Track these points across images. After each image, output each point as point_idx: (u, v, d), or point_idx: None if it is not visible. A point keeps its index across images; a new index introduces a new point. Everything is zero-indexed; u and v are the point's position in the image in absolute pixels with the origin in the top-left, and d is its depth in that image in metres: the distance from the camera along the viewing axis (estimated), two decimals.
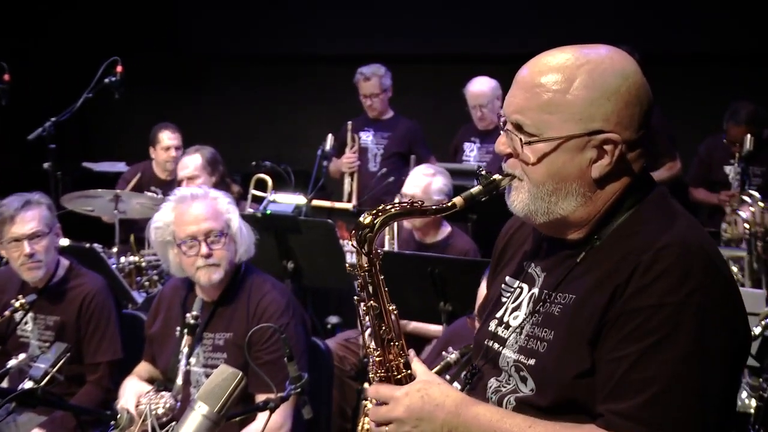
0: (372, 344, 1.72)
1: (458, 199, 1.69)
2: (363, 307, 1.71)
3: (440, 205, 1.71)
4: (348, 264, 1.74)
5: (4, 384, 3.05)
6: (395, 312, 1.72)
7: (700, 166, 6.02)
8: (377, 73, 6.03)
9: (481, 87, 5.77)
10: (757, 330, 3.06)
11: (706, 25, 6.83)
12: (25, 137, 5.35)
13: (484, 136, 5.81)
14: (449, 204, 1.70)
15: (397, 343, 1.70)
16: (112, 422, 2.95)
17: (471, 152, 5.92)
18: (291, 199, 5.24)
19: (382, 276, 1.70)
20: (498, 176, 1.68)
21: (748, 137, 5.42)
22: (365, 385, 1.73)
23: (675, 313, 1.50)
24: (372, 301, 1.70)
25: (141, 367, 3.37)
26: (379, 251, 1.70)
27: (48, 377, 2.74)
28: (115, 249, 5.09)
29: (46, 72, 7.83)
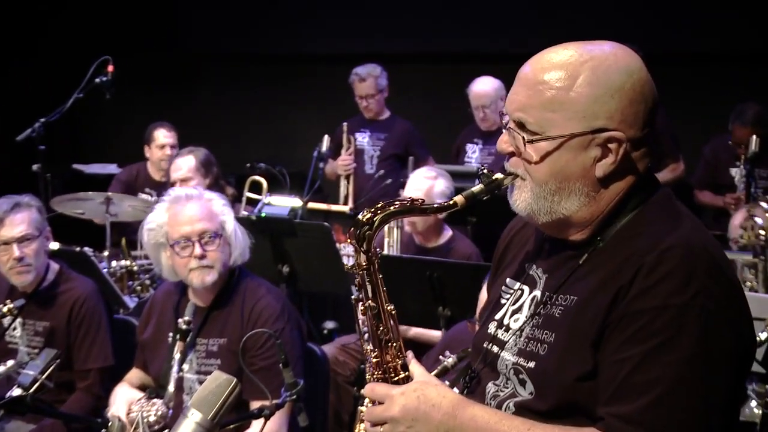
0: (369, 345, 1.72)
1: (459, 198, 1.69)
2: (361, 307, 1.71)
3: (441, 204, 1.71)
4: (346, 264, 1.74)
5: None
6: (394, 312, 1.72)
7: (706, 169, 6.02)
8: (373, 74, 6.02)
9: (484, 87, 5.75)
10: (764, 336, 3.06)
11: (712, 25, 6.83)
12: (14, 138, 5.35)
13: (487, 138, 5.79)
14: (450, 202, 1.70)
15: (395, 344, 1.70)
16: (103, 430, 2.96)
17: (473, 153, 5.91)
18: (286, 202, 5.24)
19: (381, 275, 1.70)
20: (500, 175, 1.68)
21: (754, 139, 5.42)
22: (363, 391, 1.73)
23: (679, 315, 1.51)
24: (370, 301, 1.70)
25: (132, 374, 3.36)
26: (378, 250, 1.70)
27: (37, 384, 2.74)
28: (106, 253, 5.08)
29: (36, 71, 7.83)
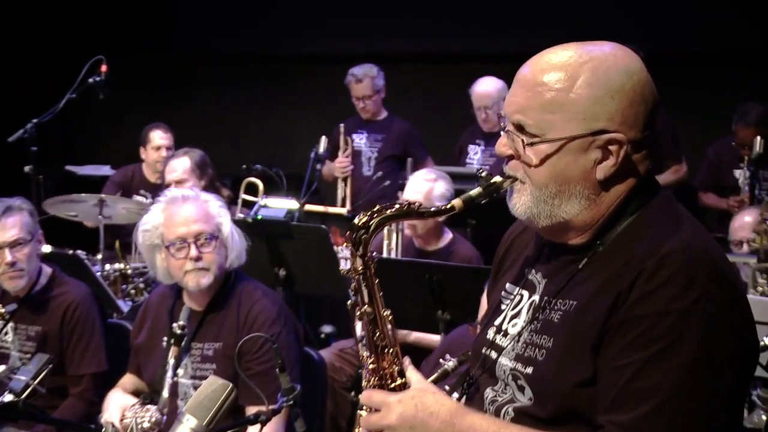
0: (365, 351, 1.72)
1: (457, 202, 1.69)
2: (357, 313, 1.71)
3: (439, 208, 1.71)
4: (341, 268, 1.74)
5: None
6: (390, 318, 1.72)
7: (709, 170, 6.01)
8: (369, 74, 6.01)
9: (487, 88, 5.72)
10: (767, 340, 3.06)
11: (714, 24, 6.84)
12: (5, 139, 5.35)
13: (489, 139, 5.77)
14: (448, 206, 1.70)
15: (392, 350, 1.70)
16: None
17: (475, 155, 5.90)
18: (283, 204, 5.24)
19: (377, 280, 1.70)
20: (499, 178, 1.68)
21: (758, 139, 5.42)
22: (360, 398, 1.73)
23: (680, 321, 1.51)
24: (366, 306, 1.70)
25: (126, 379, 3.36)
26: (374, 254, 1.70)
27: (29, 390, 2.73)
28: (100, 256, 5.08)
29: (28, 72, 7.83)
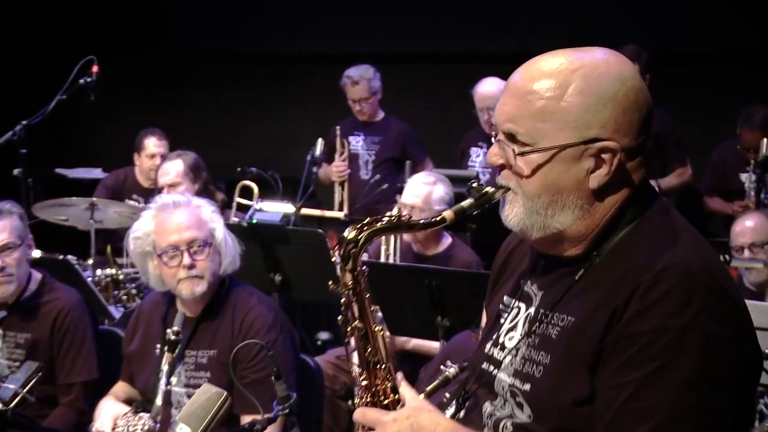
0: (357, 368, 1.72)
1: (448, 213, 1.69)
2: (348, 328, 1.71)
3: (429, 219, 1.72)
4: (330, 282, 1.74)
5: None
6: (383, 333, 1.72)
7: (714, 174, 6.01)
8: (365, 76, 6.01)
9: (490, 88, 5.66)
10: None
11: (719, 24, 6.85)
12: None
13: (492, 142, 5.76)
14: (438, 218, 1.70)
15: (384, 366, 1.70)
16: None
17: (477, 157, 5.89)
18: (278, 208, 5.24)
19: (368, 295, 1.71)
20: (490, 189, 1.68)
21: (765, 142, 5.41)
22: (354, 416, 1.73)
23: (678, 337, 1.49)
24: (357, 322, 1.70)
25: (118, 387, 3.36)
26: (364, 268, 1.70)
27: (18, 398, 2.73)
28: (91, 261, 5.08)
29: (18, 73, 7.83)
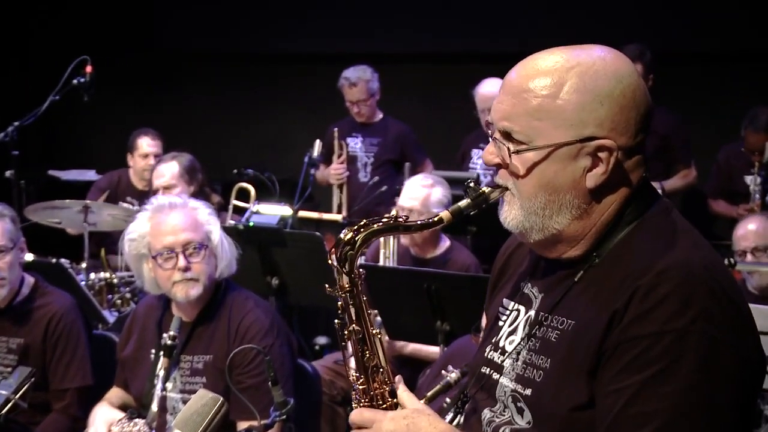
0: (354, 372, 1.72)
1: (445, 214, 1.70)
2: (345, 332, 1.71)
3: (426, 220, 1.72)
4: (327, 285, 1.74)
5: None
6: (380, 336, 1.72)
7: (719, 176, 6.00)
8: (363, 78, 6.01)
9: (491, 89, 5.64)
10: None
11: (724, 23, 6.84)
12: None
13: None
14: (435, 219, 1.70)
15: (382, 370, 1.71)
16: None
17: (478, 159, 5.88)
18: (275, 210, 5.25)
19: (365, 297, 1.71)
20: (487, 189, 1.69)
21: None
22: (350, 418, 1.74)
23: (677, 341, 1.49)
24: (354, 325, 1.70)
25: (112, 393, 3.36)
26: (361, 270, 1.70)
27: (10, 405, 2.74)
28: (84, 264, 5.07)
29: (10, 74, 7.83)
